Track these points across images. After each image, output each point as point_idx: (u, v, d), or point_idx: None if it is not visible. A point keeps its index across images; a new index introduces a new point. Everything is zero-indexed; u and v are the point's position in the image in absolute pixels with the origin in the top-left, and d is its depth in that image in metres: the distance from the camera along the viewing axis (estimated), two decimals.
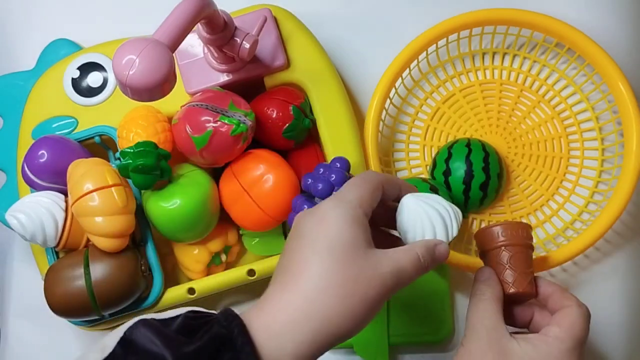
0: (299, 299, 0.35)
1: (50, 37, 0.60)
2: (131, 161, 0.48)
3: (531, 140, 0.59)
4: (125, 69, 0.38)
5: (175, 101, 0.53)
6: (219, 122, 0.49)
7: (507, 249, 0.45)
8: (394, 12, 0.62)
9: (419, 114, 0.61)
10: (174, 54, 0.41)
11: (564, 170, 0.59)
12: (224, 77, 0.54)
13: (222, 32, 0.48)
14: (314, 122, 0.55)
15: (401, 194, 0.43)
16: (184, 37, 0.42)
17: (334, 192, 0.47)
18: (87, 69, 0.57)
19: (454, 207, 0.43)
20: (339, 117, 0.54)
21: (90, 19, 0.63)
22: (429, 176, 0.58)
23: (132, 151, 0.48)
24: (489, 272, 0.45)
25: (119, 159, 0.49)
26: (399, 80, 0.59)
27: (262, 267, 0.53)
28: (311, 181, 0.49)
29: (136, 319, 0.35)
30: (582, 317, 0.42)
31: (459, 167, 0.56)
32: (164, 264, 0.55)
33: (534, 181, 0.59)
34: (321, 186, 0.47)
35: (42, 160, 0.51)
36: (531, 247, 0.46)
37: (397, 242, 0.43)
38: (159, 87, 0.39)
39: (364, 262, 0.36)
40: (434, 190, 0.54)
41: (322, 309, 0.35)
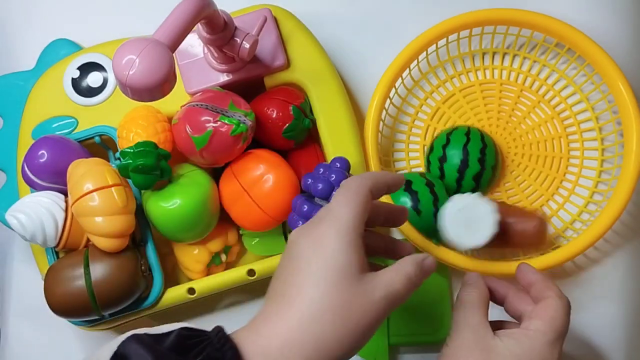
0: (293, 325, 0.35)
1: (50, 37, 0.60)
2: (131, 161, 0.48)
3: (531, 140, 0.59)
4: (125, 69, 0.38)
5: (175, 101, 0.53)
6: (219, 122, 0.49)
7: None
8: (394, 12, 0.62)
9: (419, 114, 0.61)
10: (174, 54, 0.41)
11: (564, 170, 0.59)
12: (224, 77, 0.54)
13: (222, 32, 0.48)
14: (314, 122, 0.55)
15: (390, 191, 0.42)
16: (184, 37, 0.42)
17: (329, 200, 0.47)
18: (87, 69, 0.57)
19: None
20: (339, 117, 0.54)
21: (90, 19, 0.63)
22: (425, 159, 0.58)
23: (132, 151, 0.48)
24: (476, 276, 0.46)
25: (119, 159, 0.49)
26: (399, 80, 0.59)
27: (262, 267, 0.53)
28: (311, 181, 0.49)
29: (129, 334, 0.35)
30: (562, 309, 0.42)
31: (455, 155, 0.56)
32: (164, 264, 0.55)
33: (533, 181, 0.59)
34: (321, 186, 0.47)
35: (42, 160, 0.51)
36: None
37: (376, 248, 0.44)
38: (159, 87, 0.39)
39: (356, 289, 0.36)
40: (429, 185, 0.54)
41: (315, 336, 0.35)
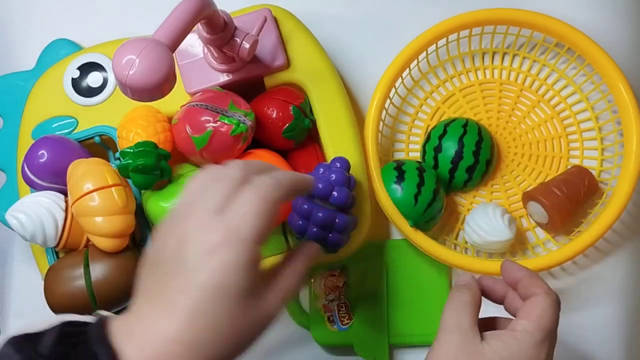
0: (171, 335, 0.33)
1: (50, 37, 0.60)
2: (131, 161, 0.48)
3: (531, 139, 0.59)
4: (125, 69, 0.38)
5: (175, 101, 0.53)
6: (219, 122, 0.49)
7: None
8: (394, 12, 0.62)
9: (419, 114, 0.61)
10: (174, 54, 0.41)
11: (564, 170, 0.59)
12: (224, 77, 0.54)
13: (222, 32, 0.48)
14: (314, 122, 0.55)
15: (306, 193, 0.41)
16: (184, 37, 0.42)
17: (329, 201, 0.47)
18: (87, 69, 0.57)
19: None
20: (339, 117, 0.54)
21: (90, 19, 0.63)
22: (420, 148, 0.59)
23: (132, 151, 0.48)
24: (469, 277, 0.45)
25: (119, 159, 0.49)
26: (399, 80, 0.59)
27: None
28: None
29: (9, 335, 0.34)
30: (551, 307, 0.41)
31: (450, 147, 0.56)
32: None
33: (533, 181, 0.59)
34: (321, 186, 0.47)
35: (42, 160, 0.51)
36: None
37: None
38: (159, 87, 0.40)
39: (235, 318, 0.34)
40: (420, 170, 0.54)
41: (194, 351, 0.33)
